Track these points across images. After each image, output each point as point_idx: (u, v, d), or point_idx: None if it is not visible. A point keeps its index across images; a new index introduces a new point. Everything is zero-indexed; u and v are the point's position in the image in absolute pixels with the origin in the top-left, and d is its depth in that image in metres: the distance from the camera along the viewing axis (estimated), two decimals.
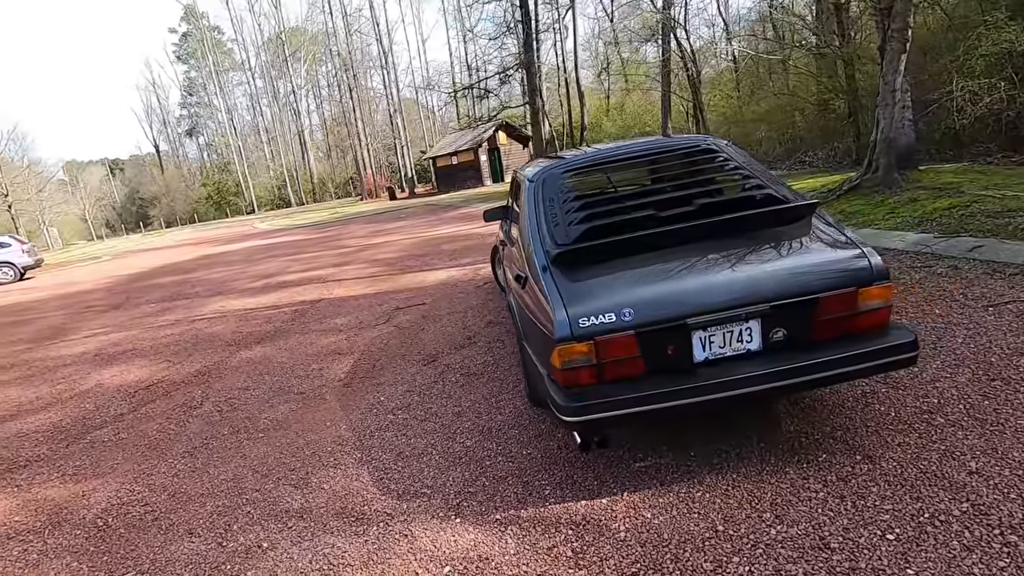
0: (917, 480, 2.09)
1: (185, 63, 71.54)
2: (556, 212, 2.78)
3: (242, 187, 58.73)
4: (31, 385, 5.51)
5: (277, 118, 62.34)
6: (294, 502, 2.67)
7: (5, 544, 2.70)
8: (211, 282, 11.01)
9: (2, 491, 3.28)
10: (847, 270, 2.23)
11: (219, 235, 27.84)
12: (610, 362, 2.22)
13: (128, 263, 19.34)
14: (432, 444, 3.00)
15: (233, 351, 5.53)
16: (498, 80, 20.75)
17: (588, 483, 2.43)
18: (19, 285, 17.62)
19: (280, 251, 14.89)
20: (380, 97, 48.23)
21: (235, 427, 3.65)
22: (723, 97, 23.76)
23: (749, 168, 2.84)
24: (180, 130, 77.00)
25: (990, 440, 2.24)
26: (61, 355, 6.64)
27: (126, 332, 7.35)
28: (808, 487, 2.16)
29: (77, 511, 2.90)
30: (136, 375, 5.25)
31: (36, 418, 4.49)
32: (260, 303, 7.87)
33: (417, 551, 2.18)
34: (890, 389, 2.75)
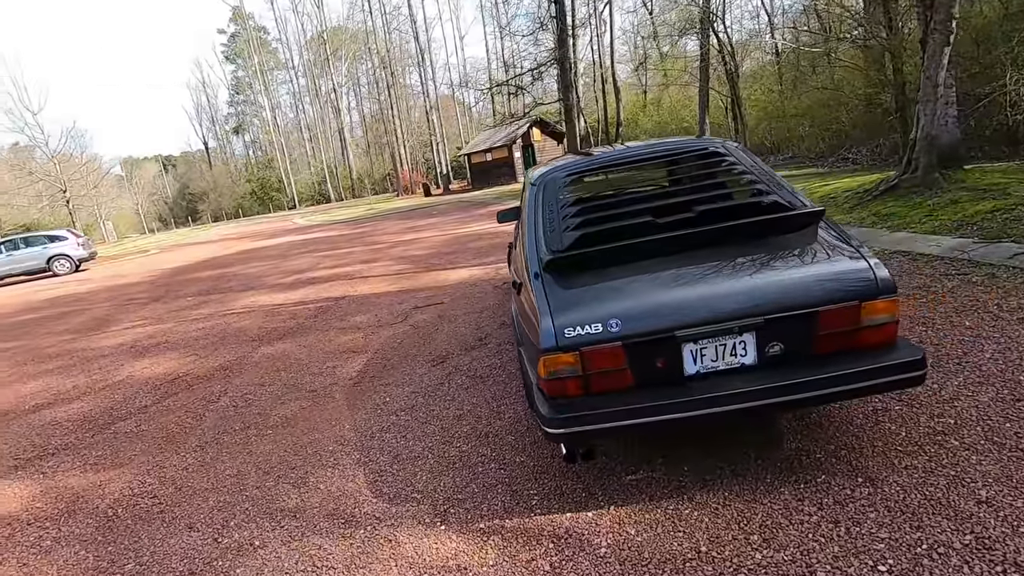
0: (920, 507, 1.97)
1: (233, 63, 73.94)
2: (553, 217, 2.74)
3: (284, 183, 60.42)
4: (70, 374, 5.80)
5: (319, 115, 63.82)
6: (290, 501, 2.72)
7: (25, 530, 2.85)
8: (246, 277, 11.37)
9: (29, 477, 3.47)
10: (849, 282, 2.11)
11: (260, 230, 28.73)
12: (596, 374, 2.17)
13: (174, 257, 20.17)
14: (429, 448, 3.01)
15: (256, 346, 5.69)
16: (531, 77, 20.56)
17: (576, 494, 2.39)
18: (74, 276, 18.60)
19: (314, 247, 15.24)
20: (417, 94, 48.72)
21: (246, 423, 3.75)
22: (764, 91, 23.05)
23: (755, 173, 2.73)
24: (227, 127, 79.70)
25: (1006, 467, 2.09)
26: (100, 346, 6.98)
27: (161, 325, 7.66)
28: (802, 509, 2.07)
29: (92, 500, 3.04)
30: (164, 368, 5.46)
31: (69, 407, 4.72)
32: (288, 299, 8.08)
33: (399, 557, 2.19)
34: (904, 407, 2.60)
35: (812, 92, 18.56)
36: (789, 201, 2.51)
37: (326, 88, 60.98)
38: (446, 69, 58.69)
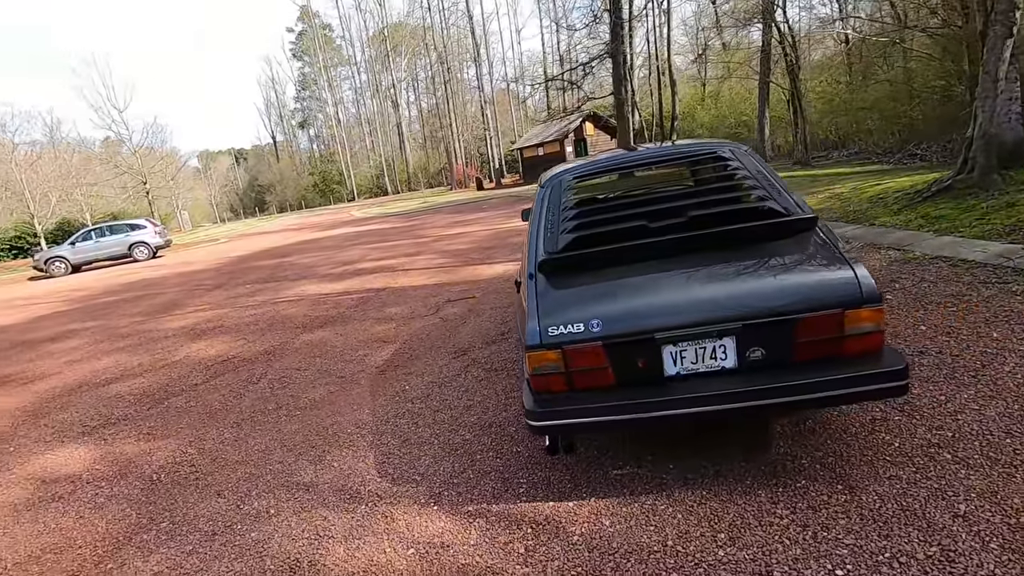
0: (893, 517, 1.98)
1: (300, 60, 77.06)
2: (554, 219, 2.84)
3: (344, 176, 62.59)
4: (136, 353, 6.39)
5: (378, 110, 65.67)
6: (306, 476, 2.97)
7: (84, 487, 3.25)
8: (300, 267, 11.99)
9: (93, 443, 3.91)
10: (832, 291, 2.12)
11: (319, 221, 29.98)
12: (579, 371, 2.28)
13: (239, 246, 21.42)
14: (436, 434, 3.19)
15: (299, 333, 6.08)
16: (582, 72, 20.42)
17: (563, 485, 2.51)
18: (151, 263, 20.11)
19: (366, 239, 15.83)
20: (473, 89, 49.24)
21: (279, 403, 4.07)
22: (831, 83, 21.94)
23: (757, 178, 2.74)
24: (293, 122, 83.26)
25: (993, 483, 2.05)
26: (165, 328, 7.61)
27: (219, 310, 8.26)
28: (774, 512, 2.11)
29: (141, 465, 3.41)
30: (217, 350, 5.93)
31: (133, 382, 5.23)
32: (334, 289, 8.51)
33: (391, 532, 2.38)
34: (904, 417, 2.56)
35: (881, 84, 17.55)
36: (785, 207, 2.52)
37: (386, 83, 62.64)
38: (502, 63, 58.90)
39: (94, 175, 37.71)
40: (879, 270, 4.69)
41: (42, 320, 10.33)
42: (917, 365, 3.02)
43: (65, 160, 36.58)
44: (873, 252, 5.23)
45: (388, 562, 2.20)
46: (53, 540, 2.74)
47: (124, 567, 2.44)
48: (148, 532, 2.68)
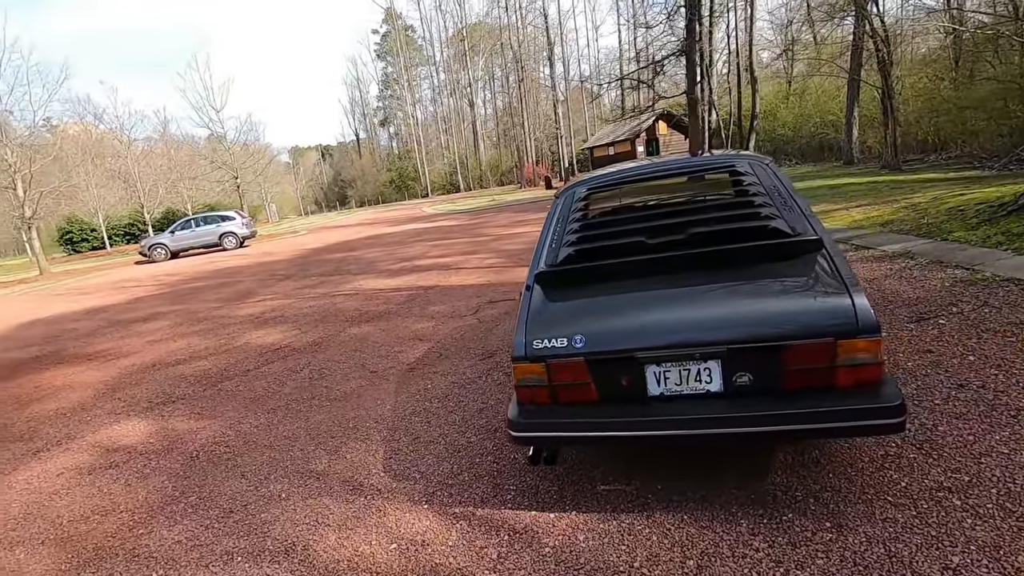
0: (875, 563, 1.87)
1: (383, 60, 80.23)
2: (560, 231, 2.87)
3: (419, 173, 64.54)
4: (206, 337, 6.98)
5: (455, 109, 67.14)
6: (320, 465, 3.18)
7: (136, 459, 3.64)
8: (364, 261, 12.57)
9: (152, 418, 4.35)
10: (825, 318, 2.02)
11: (392, 216, 31.15)
12: (562, 385, 2.30)
13: (316, 238, 22.69)
14: (444, 435, 3.31)
15: (346, 326, 6.41)
16: (653, 71, 19.92)
17: (549, 495, 2.55)
18: (238, 252, 21.74)
19: (430, 236, 16.31)
20: (546, 88, 49.26)
21: (314, 394, 4.34)
22: (931, 79, 20.13)
23: (770, 195, 2.63)
24: (375, 120, 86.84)
25: (1000, 537, 1.89)
26: (235, 315, 8.25)
27: (284, 300, 8.84)
28: (751, 544, 2.04)
29: (185, 443, 3.77)
30: (273, 338, 6.37)
31: (197, 364, 5.74)
32: (388, 285, 8.87)
33: (381, 525, 2.51)
34: (920, 454, 2.39)
35: (989, 81, 15.87)
36: (793, 227, 2.41)
37: (463, 82, 63.92)
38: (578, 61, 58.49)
39: (196, 169, 41.20)
40: (938, 291, 4.32)
41: (138, 302, 11.47)
42: (953, 400, 2.79)
43: (172, 155, 40.19)
44: (937, 271, 4.82)
45: (371, 553, 2.33)
46: (101, 503, 3.10)
47: (152, 534, 2.72)
48: (177, 504, 2.97)
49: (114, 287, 15.18)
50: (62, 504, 3.16)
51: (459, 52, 61.85)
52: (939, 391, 2.89)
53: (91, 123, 43.78)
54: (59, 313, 11.38)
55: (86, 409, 4.81)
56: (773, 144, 29.06)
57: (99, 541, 2.73)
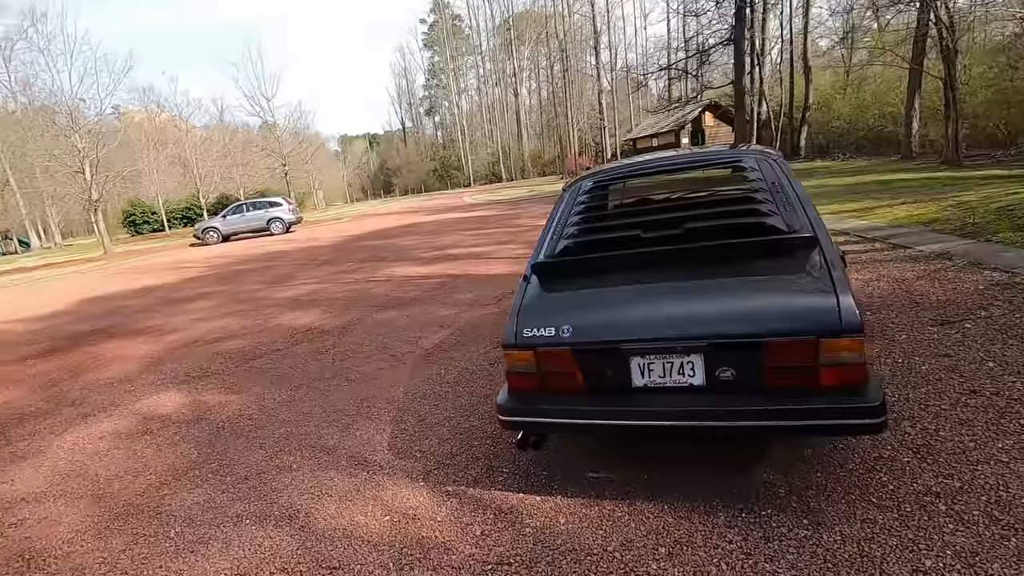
0: (846, 561, 1.87)
1: (430, 49, 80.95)
2: (562, 223, 2.92)
3: (463, 162, 65.01)
4: (245, 317, 7.35)
5: (499, 98, 67.16)
6: (331, 440, 3.36)
7: (169, 427, 3.92)
8: (400, 248, 12.87)
9: (187, 391, 4.66)
10: (808, 317, 2.01)
11: (433, 205, 31.60)
12: (550, 373, 2.38)
13: (358, 225, 23.28)
14: (449, 418, 3.43)
15: (375, 311, 6.64)
16: (698, 60, 19.42)
17: (538, 479, 2.63)
18: (283, 237, 22.56)
19: (467, 225, 16.51)
20: (591, 78, 48.68)
21: (335, 374, 4.55)
22: (1003, 69, 18.84)
23: (771, 191, 2.60)
24: (421, 110, 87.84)
25: (980, 544, 1.86)
26: (275, 297, 8.63)
27: (321, 285, 9.18)
28: (725, 536, 2.08)
29: (214, 415, 4.03)
30: (305, 320, 6.66)
31: (234, 343, 6.07)
32: (419, 272, 9.09)
33: (377, 499, 2.66)
34: (915, 459, 2.35)
35: None
36: (789, 225, 2.39)
37: (508, 72, 63.83)
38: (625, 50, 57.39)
39: (248, 156, 42.83)
40: (970, 294, 4.14)
41: (189, 282, 12.12)
42: (961, 405, 2.71)
43: (227, 142, 41.85)
44: (973, 273, 4.60)
45: (365, 523, 2.48)
46: (134, 465, 3.37)
47: (174, 495, 2.96)
48: (200, 469, 3.21)
49: (169, 267, 16.05)
50: (101, 464, 3.46)
51: (505, 41, 61.76)
52: (949, 396, 2.81)
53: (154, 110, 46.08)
54: (117, 290, 12.15)
55: (131, 380, 5.18)
56: (827, 137, 27.86)
57: (129, 499, 2.99)
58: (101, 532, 2.71)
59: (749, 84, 24.07)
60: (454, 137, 71.50)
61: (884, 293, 4.51)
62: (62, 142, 23.43)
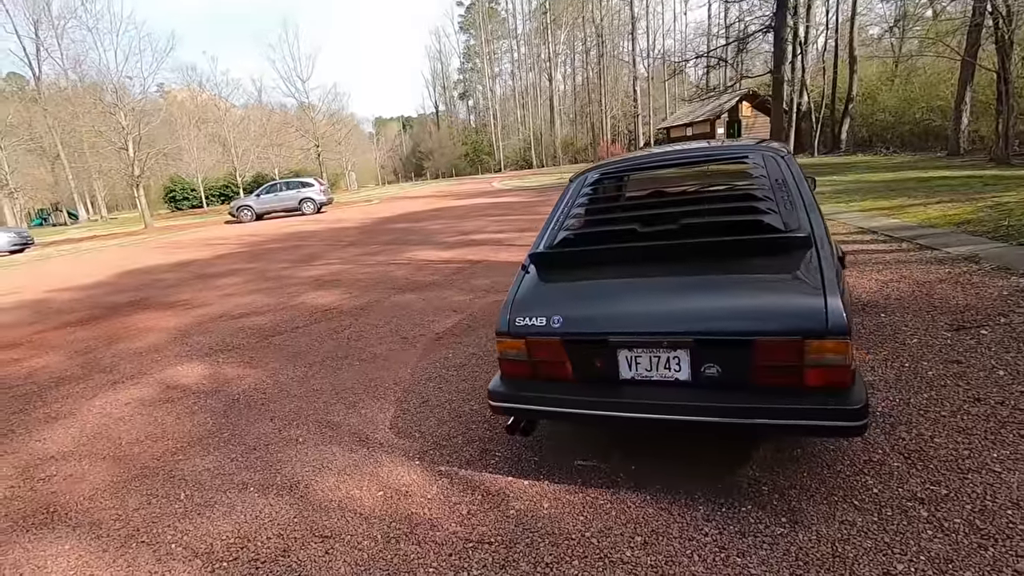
0: (817, 561, 1.89)
1: (466, 32, 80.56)
2: (564, 214, 2.95)
3: (494, 147, 64.86)
4: (270, 295, 7.59)
5: (533, 83, 66.60)
6: (337, 417, 3.49)
7: (189, 396, 4.12)
8: (425, 232, 13.01)
9: (209, 363, 4.87)
10: (795, 317, 2.01)
11: (461, 190, 31.70)
12: (541, 362, 2.43)
13: (387, 207, 23.57)
14: (451, 400, 3.53)
15: (393, 293, 6.78)
16: (735, 47, 18.89)
17: (528, 464, 2.70)
18: (314, 217, 23.01)
19: (493, 211, 16.56)
20: (627, 64, 47.79)
21: (348, 354, 4.70)
22: None
23: (774, 188, 2.58)
24: (455, 93, 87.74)
25: (957, 552, 1.85)
26: (299, 276, 8.87)
27: (344, 266, 9.39)
28: (702, 529, 2.11)
29: (231, 387, 4.22)
30: (325, 300, 6.84)
31: (257, 319, 6.29)
32: (441, 257, 9.20)
33: (373, 475, 2.77)
34: (905, 463, 2.33)
35: None
36: (787, 223, 2.37)
37: (543, 56, 63.16)
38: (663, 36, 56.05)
39: (284, 136, 43.62)
40: (992, 300, 4.01)
41: (221, 258, 12.52)
42: (962, 413, 2.66)
43: (264, 122, 42.67)
44: (999, 278, 4.44)
45: (360, 497, 2.60)
46: (154, 431, 3.57)
47: (188, 460, 3.14)
48: (213, 438, 3.38)
49: (204, 243, 16.59)
50: (124, 428, 3.67)
51: (541, 25, 61.04)
52: (951, 403, 2.76)
53: (196, 90, 47.24)
54: (154, 264, 12.65)
55: (159, 350, 5.44)
56: (870, 130, 26.86)
57: (146, 462, 3.18)
58: (119, 491, 2.90)
59: (789, 73, 23.32)
60: (486, 122, 71.35)
61: (903, 295, 4.40)
62: (107, 119, 24.26)
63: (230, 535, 2.42)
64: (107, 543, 2.47)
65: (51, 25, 38.21)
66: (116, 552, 2.40)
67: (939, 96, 22.84)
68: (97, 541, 2.50)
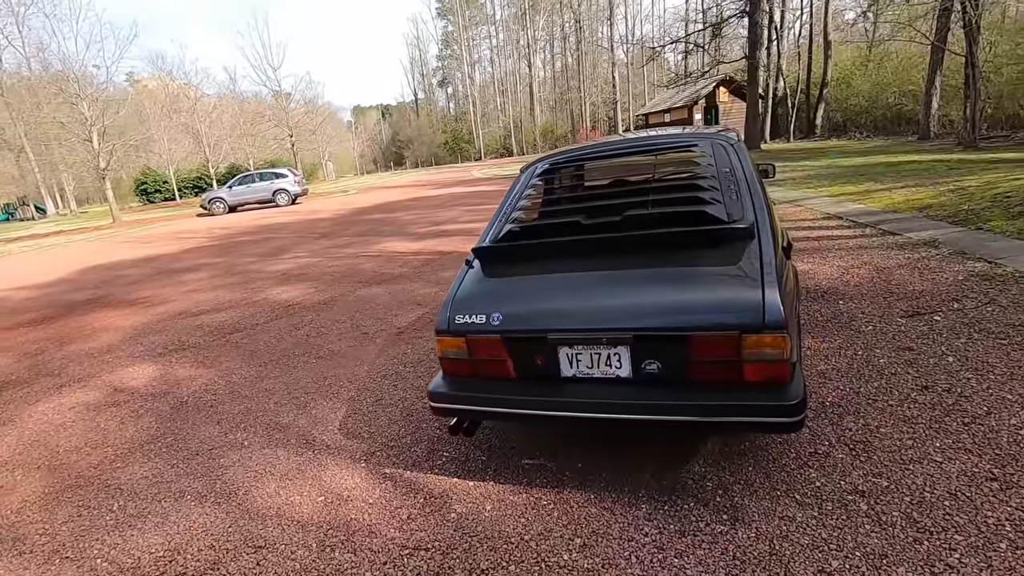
0: (753, 560, 1.85)
1: (443, 18, 79.38)
2: (512, 205, 2.87)
3: (474, 135, 64.30)
4: (234, 290, 7.40)
5: (512, 70, 66.00)
6: (286, 418, 3.38)
7: (135, 400, 3.98)
8: (399, 223, 12.83)
9: (162, 363, 4.72)
10: (732, 312, 1.96)
11: (440, 179, 31.38)
12: (482, 360, 2.36)
13: (363, 198, 23.23)
14: (405, 399, 3.44)
15: (359, 287, 6.64)
16: (710, 33, 18.83)
17: (476, 464, 2.63)
18: (289, 208, 22.59)
19: (469, 200, 16.39)
20: (606, 50, 47.56)
21: (306, 351, 4.58)
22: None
23: (719, 178, 2.52)
24: (434, 81, 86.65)
25: (893, 546, 1.83)
26: (266, 270, 8.67)
27: (313, 259, 9.20)
28: (642, 529, 2.07)
29: (181, 389, 4.08)
30: (289, 295, 6.69)
31: (217, 316, 6.12)
32: (411, 248, 9.06)
33: (316, 479, 2.68)
34: (849, 455, 2.31)
35: None
36: (730, 214, 2.32)
37: (522, 43, 62.57)
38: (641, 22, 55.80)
39: (259, 126, 42.70)
40: (948, 285, 4.03)
41: (188, 253, 12.22)
42: (909, 402, 2.65)
43: (238, 111, 41.70)
44: (956, 263, 4.47)
45: (299, 503, 2.51)
46: (95, 438, 3.44)
47: (126, 468, 3.02)
48: (155, 443, 3.26)
49: (173, 237, 16.19)
50: (64, 435, 3.53)
51: (519, 11, 60.37)
52: (900, 391, 2.75)
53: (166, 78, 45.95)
54: (118, 260, 12.30)
55: (111, 351, 5.26)
56: (844, 115, 27.09)
57: (82, 471, 3.05)
58: (49, 503, 2.77)
59: (765, 59, 23.37)
60: (466, 109, 70.63)
61: (862, 281, 4.41)
62: (68, 110, 23.47)
63: (160, 548, 2.32)
64: (29, 560, 2.36)
65: (11, 12, 36.72)
66: (37, 570, 2.29)
67: (911, 81, 23.08)
68: (19, 558, 2.38)
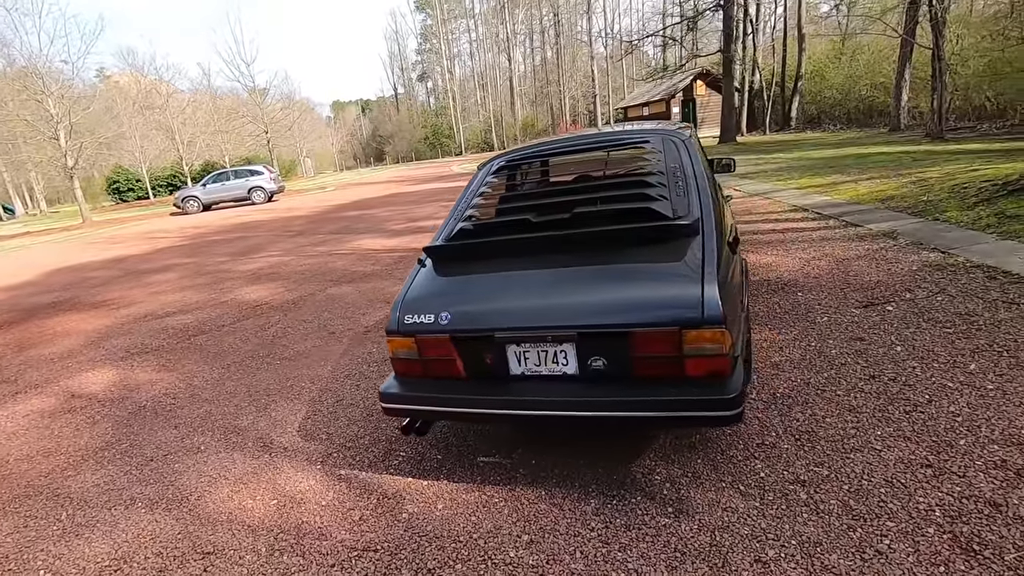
0: (694, 552, 1.88)
1: (422, 11, 78.66)
2: (467, 203, 2.86)
3: (454, 130, 63.95)
4: (202, 291, 7.29)
5: (492, 64, 65.70)
6: (245, 421, 3.35)
7: (92, 405, 3.91)
8: (375, 220, 12.73)
9: (123, 368, 4.63)
10: (672, 307, 1.98)
11: (419, 175, 31.18)
12: (432, 360, 2.36)
13: (340, 195, 22.99)
14: (366, 399, 3.42)
15: (329, 285, 6.58)
16: (685, 26, 18.93)
17: (431, 463, 2.63)
18: (265, 206, 22.28)
19: (446, 196, 16.29)
20: (585, 44, 47.57)
21: (270, 352, 4.53)
22: (994, 39, 18.45)
23: (667, 174, 2.54)
24: (413, 75, 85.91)
25: (829, 534, 1.87)
26: (237, 270, 8.55)
27: (286, 257, 9.10)
28: (589, 524, 2.09)
29: (140, 393, 4.01)
30: (258, 295, 6.60)
31: (183, 317, 6.02)
32: (385, 245, 9.00)
33: (270, 482, 2.66)
34: (794, 447, 2.36)
35: None
36: (675, 210, 2.34)
37: (501, 36, 62.27)
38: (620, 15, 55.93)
39: (234, 122, 41.96)
40: (902, 275, 4.12)
41: (159, 253, 11.99)
42: (856, 391, 2.71)
43: (210, 109, 40.92)
44: (911, 253, 4.57)
45: (252, 508, 2.49)
46: (48, 445, 3.37)
47: (78, 476, 2.96)
48: (110, 450, 3.20)
49: (143, 237, 15.87)
50: (16, 444, 3.45)
51: (498, 4, 60.04)
52: (848, 381, 2.81)
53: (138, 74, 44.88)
54: (86, 261, 12.03)
55: (72, 356, 5.15)
56: (818, 107, 27.46)
57: (32, 480, 2.98)
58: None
59: (740, 52, 23.56)
60: (446, 104, 70.18)
61: (822, 273, 4.49)
62: (34, 107, 22.82)
63: (106, 557, 2.29)
64: None
65: None
66: None
67: (882, 73, 23.47)
68: None
